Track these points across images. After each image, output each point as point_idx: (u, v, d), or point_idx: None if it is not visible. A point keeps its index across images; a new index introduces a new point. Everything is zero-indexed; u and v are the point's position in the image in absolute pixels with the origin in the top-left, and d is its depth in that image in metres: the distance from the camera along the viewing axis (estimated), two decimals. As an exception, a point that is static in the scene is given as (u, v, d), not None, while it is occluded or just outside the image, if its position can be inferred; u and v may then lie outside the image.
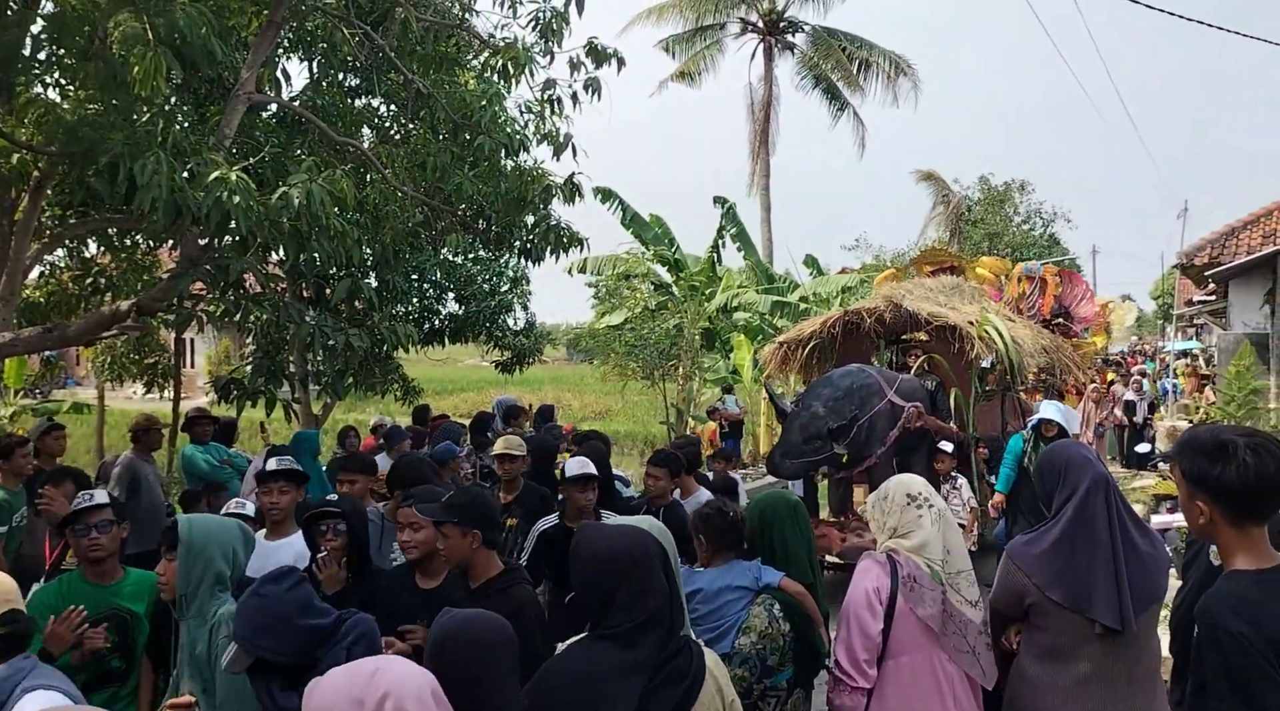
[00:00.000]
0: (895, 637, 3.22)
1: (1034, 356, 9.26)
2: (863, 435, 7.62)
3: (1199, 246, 17.80)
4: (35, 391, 17.12)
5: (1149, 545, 3.16)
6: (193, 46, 4.87)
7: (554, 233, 7.88)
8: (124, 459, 7.36)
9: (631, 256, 19.89)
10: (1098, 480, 3.14)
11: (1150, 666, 3.15)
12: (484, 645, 2.13)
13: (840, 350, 9.91)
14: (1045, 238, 37.02)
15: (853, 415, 7.43)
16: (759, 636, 3.34)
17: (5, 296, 6.61)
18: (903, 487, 3.38)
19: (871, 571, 3.28)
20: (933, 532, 3.26)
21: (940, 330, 9.14)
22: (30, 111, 5.97)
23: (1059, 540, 3.15)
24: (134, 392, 14.94)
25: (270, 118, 7.64)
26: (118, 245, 8.18)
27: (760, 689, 3.35)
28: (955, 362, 8.98)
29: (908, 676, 3.20)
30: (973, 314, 9.26)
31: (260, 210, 4.72)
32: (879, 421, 7.83)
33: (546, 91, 7.08)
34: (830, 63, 26.16)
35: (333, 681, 1.76)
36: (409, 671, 1.80)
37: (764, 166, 26.42)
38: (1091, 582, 3.05)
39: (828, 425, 7.40)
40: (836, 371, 8.31)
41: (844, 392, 7.79)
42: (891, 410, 7.90)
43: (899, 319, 9.46)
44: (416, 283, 11.68)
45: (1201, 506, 2.30)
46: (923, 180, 36.26)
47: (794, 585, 3.55)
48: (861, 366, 8.39)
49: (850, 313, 9.94)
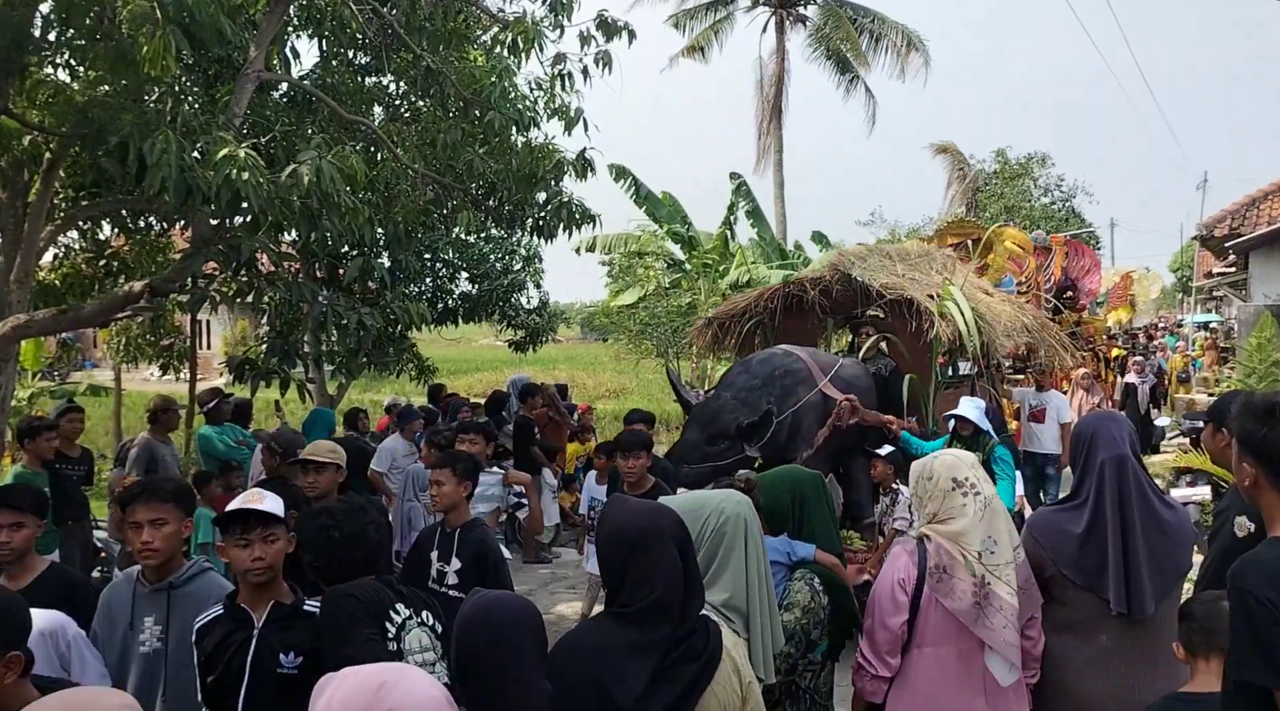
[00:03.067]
0: (921, 628, 3.15)
1: (1011, 336, 7.96)
2: (784, 433, 6.37)
3: (1219, 217, 17.61)
4: (53, 373, 17.23)
5: (1174, 521, 3.12)
6: (201, 25, 4.84)
7: (566, 209, 7.84)
8: (141, 440, 7.42)
9: (645, 234, 19.83)
10: (1118, 459, 3.09)
11: (1171, 641, 3.12)
12: (501, 623, 2.08)
13: (783, 328, 8.45)
14: (1064, 211, 36.69)
15: (767, 409, 6.16)
16: (803, 611, 3.32)
17: (20, 278, 6.63)
18: (949, 470, 3.21)
19: (900, 560, 3.22)
20: (973, 522, 3.11)
21: (896, 305, 7.79)
22: (41, 92, 5.97)
23: (1077, 519, 3.12)
24: (150, 374, 15.05)
25: (280, 97, 7.61)
26: (131, 226, 8.19)
27: (803, 664, 3.35)
28: (913, 343, 7.64)
29: (934, 667, 3.14)
30: (934, 286, 7.85)
31: (270, 188, 4.70)
32: (806, 416, 6.54)
33: (557, 66, 7.02)
34: (841, 35, 25.88)
35: (339, 691, 1.67)
36: (419, 690, 1.68)
37: (777, 141, 26.24)
38: (1105, 564, 3.03)
39: (737, 421, 6.13)
40: (758, 355, 7.16)
41: (762, 381, 6.57)
42: (824, 403, 6.62)
43: (849, 292, 8.09)
44: (429, 262, 11.68)
45: (1248, 468, 2.30)
46: (939, 153, 35.89)
47: (827, 557, 3.54)
48: (789, 349, 7.04)
49: (791, 284, 8.50)
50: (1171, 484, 8.87)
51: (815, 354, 7.17)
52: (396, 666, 1.78)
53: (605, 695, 2.18)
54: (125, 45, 4.83)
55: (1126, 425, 3.28)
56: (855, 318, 8.27)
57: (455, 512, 4.38)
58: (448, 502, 4.35)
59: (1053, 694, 3.19)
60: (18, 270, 6.62)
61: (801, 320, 8.38)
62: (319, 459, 4.74)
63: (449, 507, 4.36)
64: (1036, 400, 9.78)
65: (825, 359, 7.12)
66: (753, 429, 6.07)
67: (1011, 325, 7.93)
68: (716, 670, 2.32)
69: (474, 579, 3.99)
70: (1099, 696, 3.07)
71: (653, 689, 2.21)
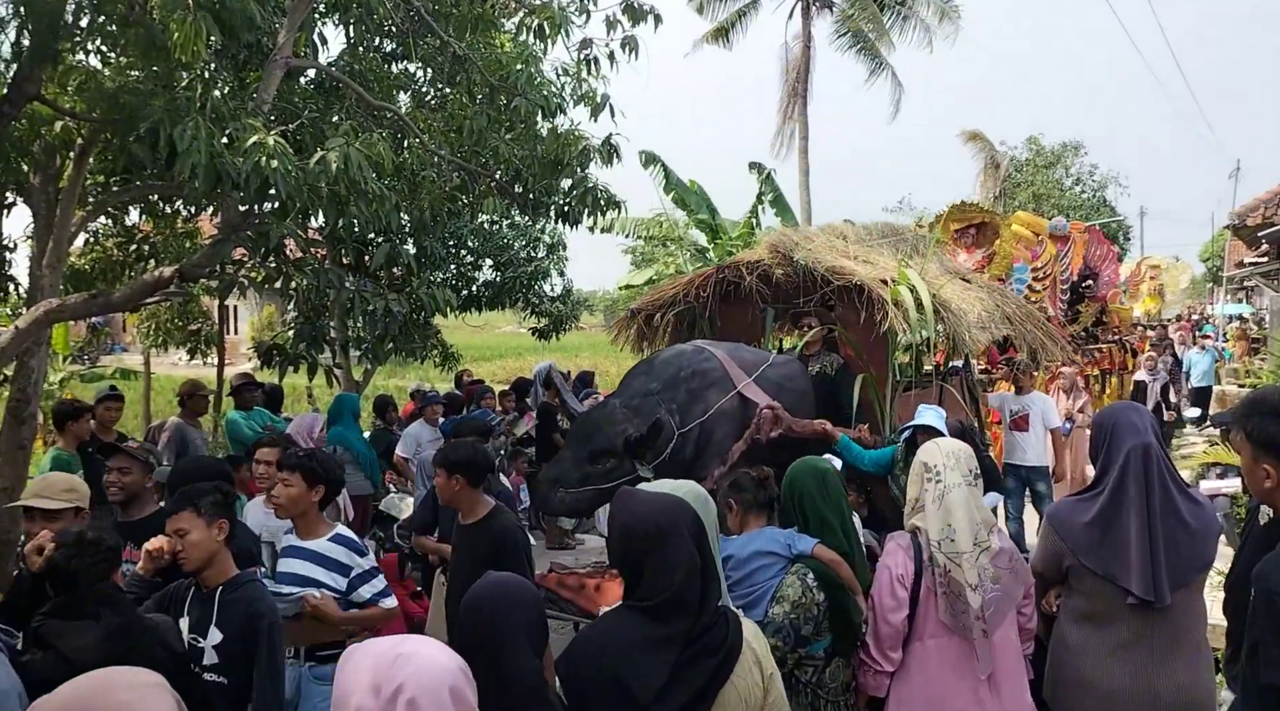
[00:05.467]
0: (921, 621, 3.21)
1: (986, 329, 6.66)
2: (689, 447, 5.30)
3: (1252, 206, 17.33)
4: (83, 357, 17.47)
5: (1196, 513, 3.10)
6: (231, 11, 4.85)
7: (591, 195, 7.82)
8: (171, 424, 7.51)
9: (668, 222, 19.76)
10: (1140, 449, 3.08)
11: (1193, 633, 3.11)
12: (497, 605, 2.12)
13: (720, 321, 7.50)
14: (1095, 200, 36.28)
15: (656, 418, 5.04)
16: (792, 606, 3.30)
17: (52, 263, 6.70)
18: (924, 456, 3.32)
19: (896, 555, 3.27)
20: (933, 510, 3.20)
21: (847, 292, 6.70)
22: (72, 78, 6.02)
23: (1097, 509, 3.12)
24: (179, 359, 15.20)
25: (308, 83, 7.63)
26: (160, 212, 8.25)
27: (795, 658, 3.33)
28: (866, 336, 6.52)
29: (935, 659, 3.20)
30: (891, 270, 6.73)
31: (299, 175, 4.72)
32: (719, 426, 5.42)
33: (583, 51, 7.00)
34: (867, 16, 25.60)
35: (361, 658, 1.70)
36: (434, 661, 1.69)
37: (802, 128, 26.05)
38: (1126, 553, 3.01)
39: (625, 433, 5.02)
40: (664, 352, 6.05)
41: (663, 384, 5.44)
42: (744, 410, 5.53)
43: (791, 277, 6.98)
44: (454, 248, 11.72)
45: (1268, 469, 2.25)
46: (969, 141, 35.55)
47: (827, 553, 3.49)
48: (702, 345, 5.93)
49: (727, 269, 7.36)
50: (1201, 475, 8.71)
51: (736, 350, 6.00)
52: (415, 638, 1.80)
53: (624, 690, 2.18)
54: (156, 31, 4.85)
55: (1148, 414, 3.27)
56: (797, 307, 7.11)
57: (212, 568, 3.27)
58: (198, 555, 3.22)
59: (1071, 684, 3.20)
60: (49, 255, 6.69)
61: (741, 311, 7.37)
62: (50, 506, 3.64)
63: (201, 563, 3.25)
64: (1018, 405, 8.49)
65: (749, 356, 5.99)
66: (642, 443, 4.97)
67: (988, 315, 6.75)
68: (737, 662, 2.31)
69: (240, 657, 3.16)
70: (1117, 686, 3.07)
71: (672, 683, 2.20)
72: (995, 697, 3.16)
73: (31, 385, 6.68)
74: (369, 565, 4.00)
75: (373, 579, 3.96)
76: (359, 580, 3.92)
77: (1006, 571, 3.21)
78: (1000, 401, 8.81)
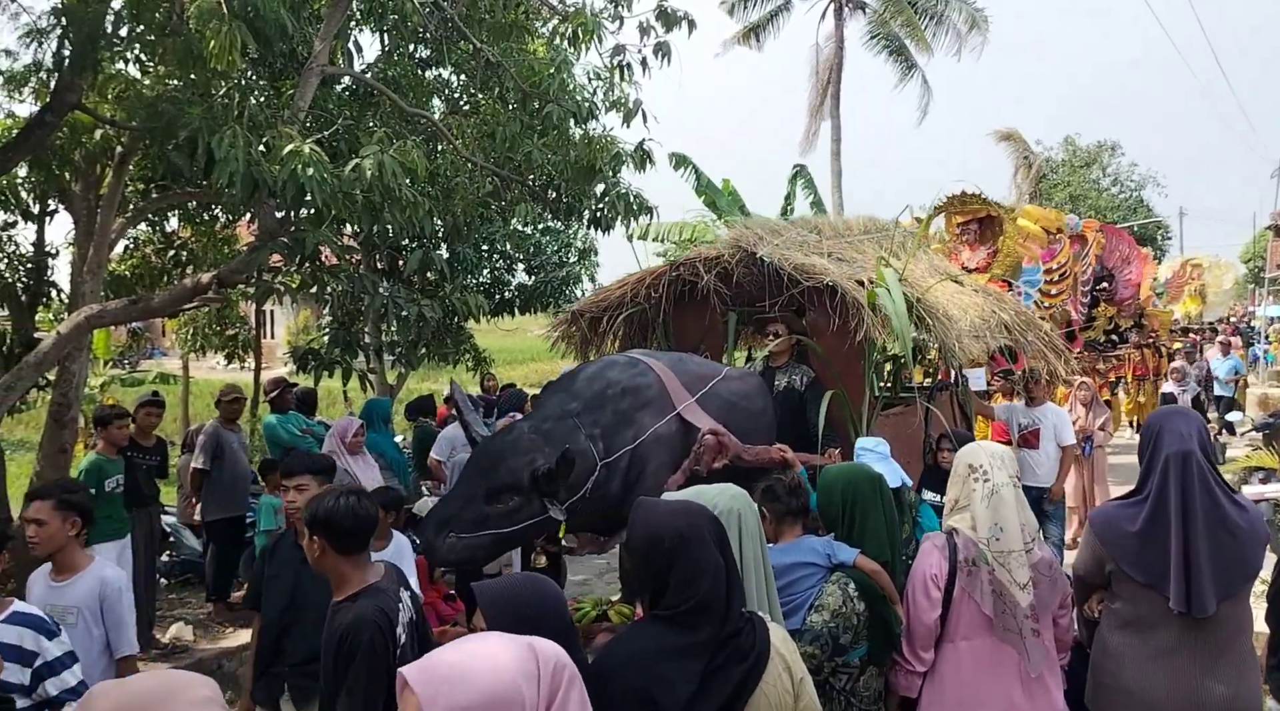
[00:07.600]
0: (954, 621, 3.20)
1: (980, 338, 5.98)
2: (614, 482, 4.38)
3: (1295, 206, 17.02)
4: (123, 362, 17.75)
5: (1243, 521, 3.04)
6: (266, 20, 4.92)
7: (623, 201, 7.83)
8: (209, 427, 7.60)
9: (699, 223, 19.75)
10: (1180, 456, 3.03)
11: (1237, 642, 3.05)
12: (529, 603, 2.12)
13: (677, 326, 6.68)
14: (1132, 201, 35.79)
15: (565, 449, 4.03)
16: (832, 615, 3.25)
17: (93, 269, 6.82)
18: (967, 457, 3.32)
19: (931, 555, 3.26)
20: (981, 508, 3.18)
21: (819, 295, 5.91)
22: (112, 87, 6.13)
23: (1139, 516, 3.08)
24: (216, 363, 15.40)
25: (343, 90, 7.71)
26: (198, 219, 8.37)
27: (831, 666, 3.31)
28: (840, 345, 5.75)
29: (968, 661, 3.18)
30: (869, 270, 5.94)
31: (334, 182, 4.77)
32: (652, 455, 4.49)
33: (616, 57, 7.01)
34: (901, 20, 25.45)
35: (493, 661, 1.67)
36: (500, 665, 1.70)
37: (834, 128, 25.94)
38: (1167, 562, 2.97)
39: (532, 466, 4.07)
40: (591, 365, 5.09)
41: (584, 404, 4.49)
42: (685, 434, 4.56)
43: (754, 277, 6.18)
44: (486, 254, 11.80)
45: None
46: (1002, 141, 35.19)
47: (869, 563, 3.44)
48: (637, 356, 4.91)
49: (681, 266, 6.52)
50: (1244, 481, 8.51)
51: (680, 362, 5.00)
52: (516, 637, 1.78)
53: (651, 702, 2.16)
54: (193, 41, 4.92)
55: (1197, 420, 3.21)
56: (761, 311, 6.27)
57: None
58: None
59: (1112, 690, 3.15)
60: (90, 261, 6.81)
61: (698, 315, 6.53)
62: None
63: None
64: (1028, 418, 7.59)
65: (696, 369, 5.00)
66: (553, 477, 4.00)
67: (982, 322, 6.09)
68: (766, 668, 2.29)
69: None
70: (1159, 695, 3.01)
71: (701, 691, 2.18)
72: (1029, 700, 3.14)
73: (73, 389, 6.80)
74: (60, 651, 3.13)
75: (65, 670, 3.10)
76: (47, 670, 3.07)
77: (1045, 578, 3.19)
78: (1008, 413, 7.87)
